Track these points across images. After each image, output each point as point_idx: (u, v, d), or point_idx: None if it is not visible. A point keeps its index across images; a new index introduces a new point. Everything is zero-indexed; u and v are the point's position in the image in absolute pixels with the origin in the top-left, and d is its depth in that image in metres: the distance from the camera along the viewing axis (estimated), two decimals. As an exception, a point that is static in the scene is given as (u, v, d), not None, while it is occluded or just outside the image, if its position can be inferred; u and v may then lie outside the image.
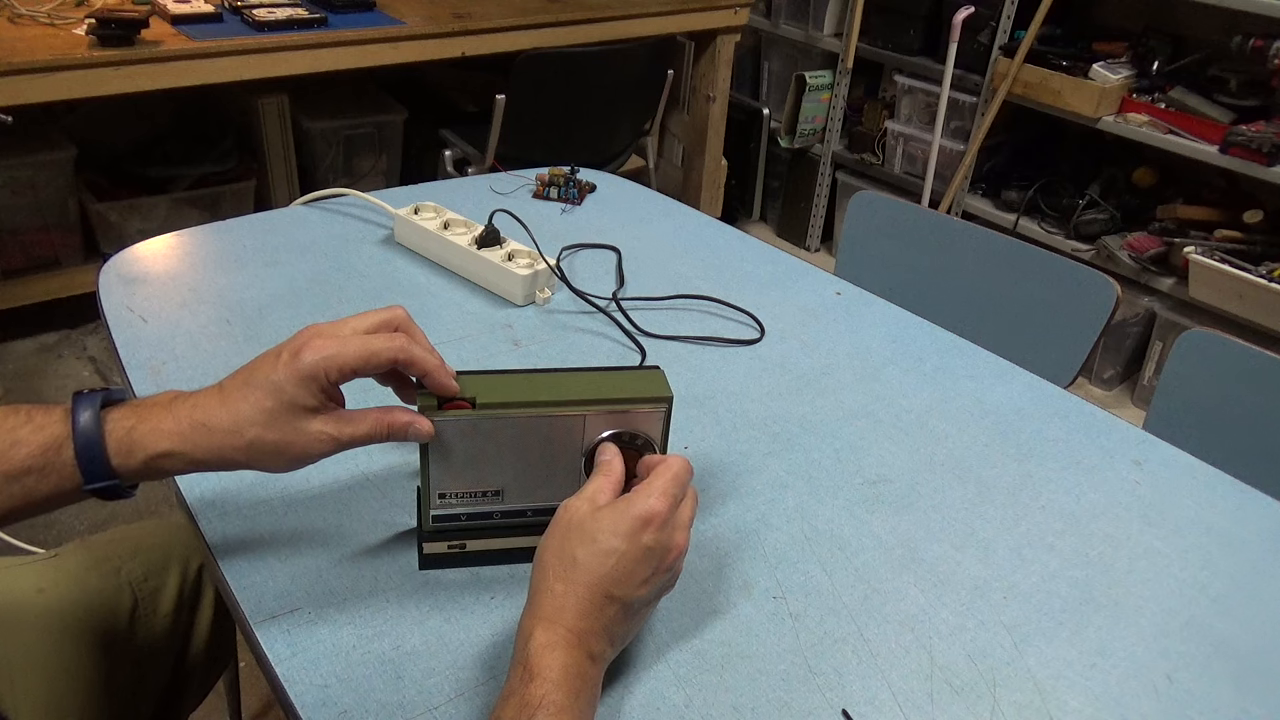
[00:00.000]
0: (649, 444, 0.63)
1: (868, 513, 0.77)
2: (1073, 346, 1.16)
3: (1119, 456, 0.87)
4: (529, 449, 0.62)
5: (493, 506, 0.64)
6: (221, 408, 0.56)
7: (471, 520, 0.65)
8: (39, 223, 2.15)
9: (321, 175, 2.45)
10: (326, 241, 1.11)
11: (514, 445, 0.62)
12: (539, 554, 0.57)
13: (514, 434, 0.61)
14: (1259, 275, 2.04)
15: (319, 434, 0.56)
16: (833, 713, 0.60)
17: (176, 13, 1.94)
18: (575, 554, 0.55)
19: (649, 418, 0.62)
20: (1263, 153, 2.03)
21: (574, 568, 0.55)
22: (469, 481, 0.63)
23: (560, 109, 2.24)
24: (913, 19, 2.64)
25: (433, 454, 0.61)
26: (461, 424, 0.60)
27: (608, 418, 0.62)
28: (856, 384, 0.94)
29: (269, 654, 0.60)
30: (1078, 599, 0.70)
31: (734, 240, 1.23)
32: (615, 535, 0.55)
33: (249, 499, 0.71)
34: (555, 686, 0.50)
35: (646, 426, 0.62)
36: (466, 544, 0.66)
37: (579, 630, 0.53)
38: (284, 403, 0.55)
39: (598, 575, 0.54)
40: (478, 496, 0.64)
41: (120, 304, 0.95)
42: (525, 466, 0.63)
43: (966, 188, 2.66)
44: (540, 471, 0.63)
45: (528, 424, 0.61)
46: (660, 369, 0.64)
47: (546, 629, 0.53)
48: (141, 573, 0.85)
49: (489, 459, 0.62)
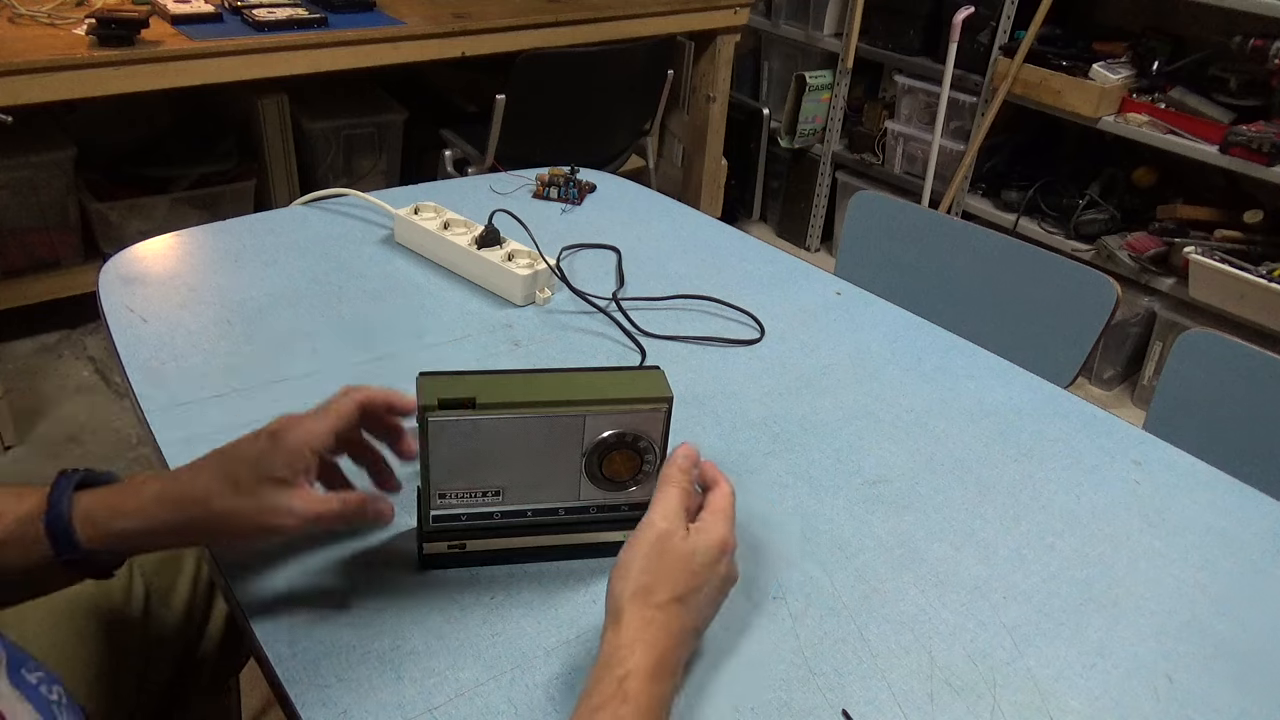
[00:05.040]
0: (650, 446, 0.63)
1: (868, 513, 0.77)
2: (1073, 346, 1.16)
3: (1119, 456, 0.87)
4: (529, 449, 0.62)
5: (493, 507, 0.64)
6: (194, 480, 0.57)
7: (472, 520, 0.65)
8: (39, 223, 2.15)
9: (321, 175, 2.45)
10: (326, 241, 1.11)
11: (514, 445, 0.62)
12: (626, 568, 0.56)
13: (514, 434, 0.61)
14: (1259, 275, 2.04)
15: (288, 508, 0.57)
16: (833, 713, 0.60)
17: (176, 13, 1.94)
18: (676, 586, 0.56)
19: (649, 418, 0.62)
20: (1263, 153, 2.03)
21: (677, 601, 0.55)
22: (469, 481, 0.63)
23: (560, 109, 2.24)
24: (913, 19, 2.64)
25: (433, 454, 0.61)
26: (462, 424, 0.60)
27: (608, 418, 0.62)
28: (856, 384, 0.94)
29: (269, 654, 0.60)
30: (1078, 599, 0.70)
31: (734, 240, 1.23)
32: (708, 568, 0.57)
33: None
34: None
35: (647, 427, 0.62)
36: (466, 544, 0.66)
37: (672, 665, 0.54)
38: (259, 474, 0.57)
39: (695, 609, 0.56)
40: (478, 496, 0.64)
41: (120, 304, 0.95)
42: (525, 466, 0.63)
43: (966, 188, 2.66)
44: (540, 472, 0.63)
45: (528, 424, 0.61)
46: (660, 369, 0.64)
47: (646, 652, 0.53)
48: (155, 565, 0.85)
49: (489, 459, 0.62)
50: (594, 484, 0.64)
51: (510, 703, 0.58)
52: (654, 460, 0.64)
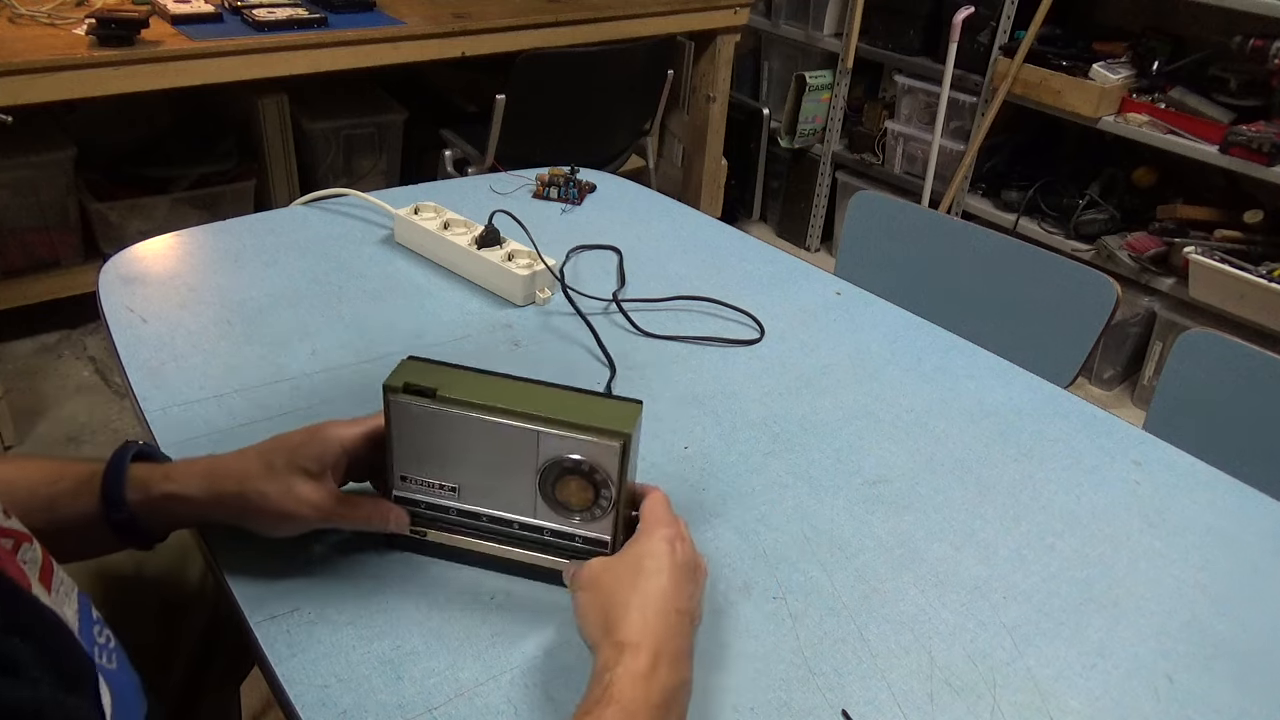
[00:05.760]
0: (606, 480, 0.60)
1: (868, 513, 0.77)
2: (1073, 346, 1.16)
3: (1119, 456, 0.87)
4: (485, 452, 0.62)
5: (450, 502, 0.65)
6: (237, 460, 0.63)
7: (430, 510, 0.65)
8: (39, 223, 2.15)
9: (321, 175, 2.45)
10: (326, 241, 1.11)
11: (471, 445, 0.62)
12: (585, 618, 0.58)
13: (470, 434, 0.62)
14: (1259, 275, 2.04)
15: (308, 499, 0.61)
16: (833, 713, 0.60)
17: (176, 13, 1.94)
18: (632, 590, 0.56)
19: (603, 451, 0.59)
20: (1263, 153, 2.03)
21: (644, 599, 0.56)
22: (429, 471, 0.64)
23: (560, 109, 2.24)
24: (913, 19, 2.64)
25: (394, 434, 0.63)
26: (422, 412, 0.61)
27: (563, 440, 0.60)
28: (856, 384, 0.94)
29: (269, 654, 0.60)
30: (1078, 599, 0.70)
31: (734, 240, 1.23)
32: (655, 558, 0.58)
33: (249, 499, 0.71)
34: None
35: (602, 460, 0.60)
36: (427, 533, 0.66)
37: (671, 652, 0.54)
38: (291, 463, 0.61)
39: (664, 593, 0.57)
40: (435, 489, 0.64)
41: (120, 304, 0.95)
42: (481, 470, 0.63)
43: (966, 188, 2.66)
44: (494, 478, 0.63)
45: (484, 427, 0.61)
46: (640, 404, 0.61)
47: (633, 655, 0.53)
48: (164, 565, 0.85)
49: (448, 453, 0.63)
50: (548, 505, 0.63)
51: (510, 703, 0.58)
52: (609, 496, 0.61)
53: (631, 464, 0.62)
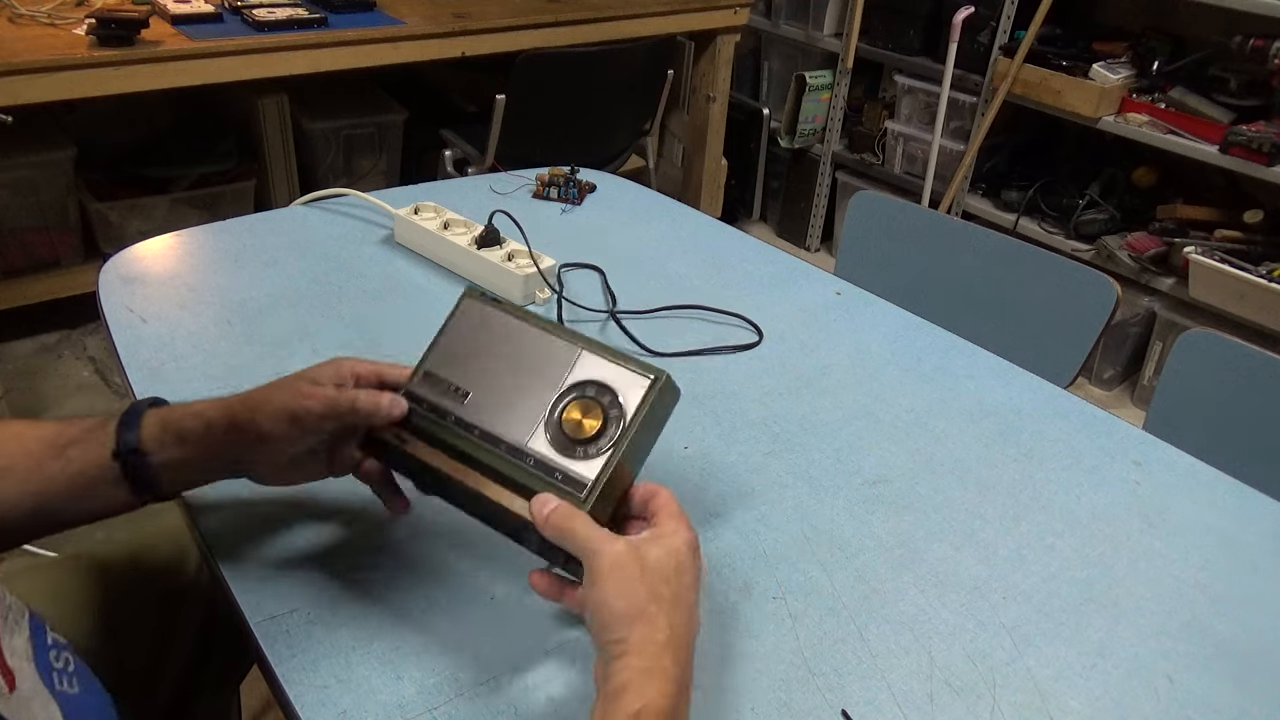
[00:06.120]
0: (619, 414, 0.61)
1: (868, 513, 0.77)
2: (1073, 346, 1.16)
3: (1119, 456, 0.87)
4: (519, 361, 0.64)
5: (453, 407, 0.64)
6: (251, 389, 0.64)
7: (429, 412, 0.65)
8: (39, 223, 2.15)
9: (321, 175, 2.45)
10: (326, 241, 1.11)
11: (511, 354, 0.65)
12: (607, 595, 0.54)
13: (516, 340, 0.65)
14: (1259, 275, 2.04)
15: (315, 393, 0.62)
16: (832, 713, 0.60)
17: (176, 13, 1.94)
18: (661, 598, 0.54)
19: (633, 384, 0.61)
20: (1263, 153, 2.03)
21: (673, 612, 0.54)
22: (453, 373, 0.65)
23: (560, 109, 2.24)
24: (913, 19, 2.64)
25: (447, 332, 0.67)
26: (486, 313, 0.66)
27: (598, 366, 0.63)
28: (856, 384, 0.94)
29: (269, 654, 0.60)
30: (1078, 599, 0.70)
31: (734, 240, 1.23)
32: (685, 571, 0.56)
33: (249, 499, 0.71)
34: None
35: (628, 393, 0.61)
36: (407, 441, 0.65)
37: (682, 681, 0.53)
38: (300, 375, 0.64)
39: (686, 615, 0.55)
40: (449, 391, 0.65)
41: (120, 304, 0.95)
42: (506, 378, 0.64)
43: (966, 188, 2.66)
44: (512, 389, 0.64)
45: (532, 336, 0.65)
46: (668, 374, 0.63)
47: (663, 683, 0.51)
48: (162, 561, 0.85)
49: (483, 358, 0.65)
50: (546, 433, 0.62)
51: (510, 703, 0.58)
52: (612, 434, 0.61)
53: (647, 433, 0.62)
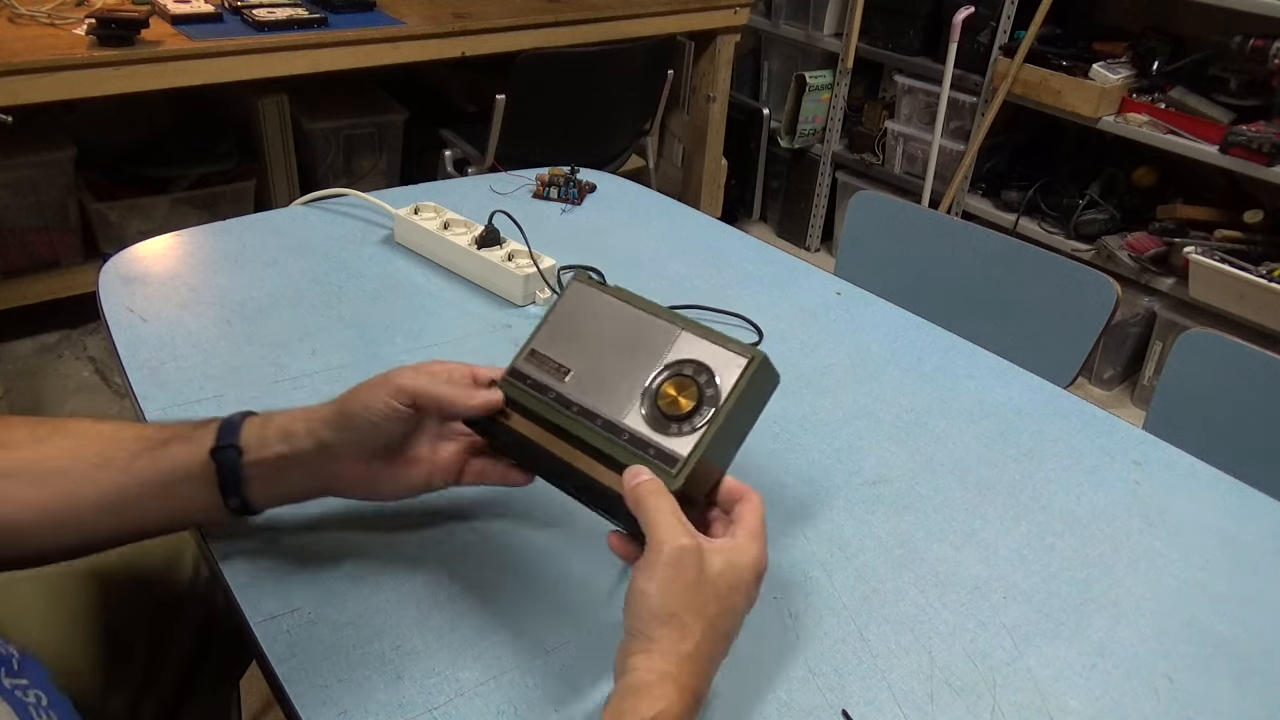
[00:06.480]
0: (715, 394, 0.62)
1: (868, 513, 0.77)
2: (1073, 346, 1.16)
3: (1119, 456, 0.87)
4: (621, 340, 0.66)
5: (554, 384, 0.66)
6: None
7: (532, 388, 0.66)
8: (39, 223, 2.15)
9: (321, 175, 2.45)
10: (326, 241, 1.11)
11: (608, 328, 0.66)
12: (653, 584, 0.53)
13: (616, 320, 0.67)
14: (1259, 275, 2.04)
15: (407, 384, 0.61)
16: (833, 713, 0.60)
17: (176, 13, 1.94)
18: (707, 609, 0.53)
19: (729, 363, 0.63)
20: (1263, 153, 2.03)
21: (710, 627, 0.53)
22: (558, 351, 0.67)
23: (560, 109, 2.24)
24: (913, 19, 2.64)
25: (556, 311, 0.68)
26: (591, 296, 0.68)
27: (697, 346, 0.64)
28: (856, 384, 0.94)
29: (269, 654, 0.60)
30: (1078, 599, 0.70)
31: (734, 240, 1.23)
32: (738, 591, 0.55)
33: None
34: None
35: (725, 372, 0.63)
36: (511, 416, 0.66)
37: (701, 697, 0.52)
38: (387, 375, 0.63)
39: (725, 636, 0.55)
40: (553, 368, 0.67)
41: (120, 304, 0.95)
42: (608, 357, 0.66)
43: (966, 188, 2.66)
44: (612, 367, 0.65)
45: (635, 318, 0.66)
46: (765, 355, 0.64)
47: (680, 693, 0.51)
48: (158, 564, 0.85)
49: (585, 337, 0.67)
50: (642, 409, 0.64)
51: (510, 703, 0.58)
52: (706, 412, 0.62)
53: (742, 415, 0.63)
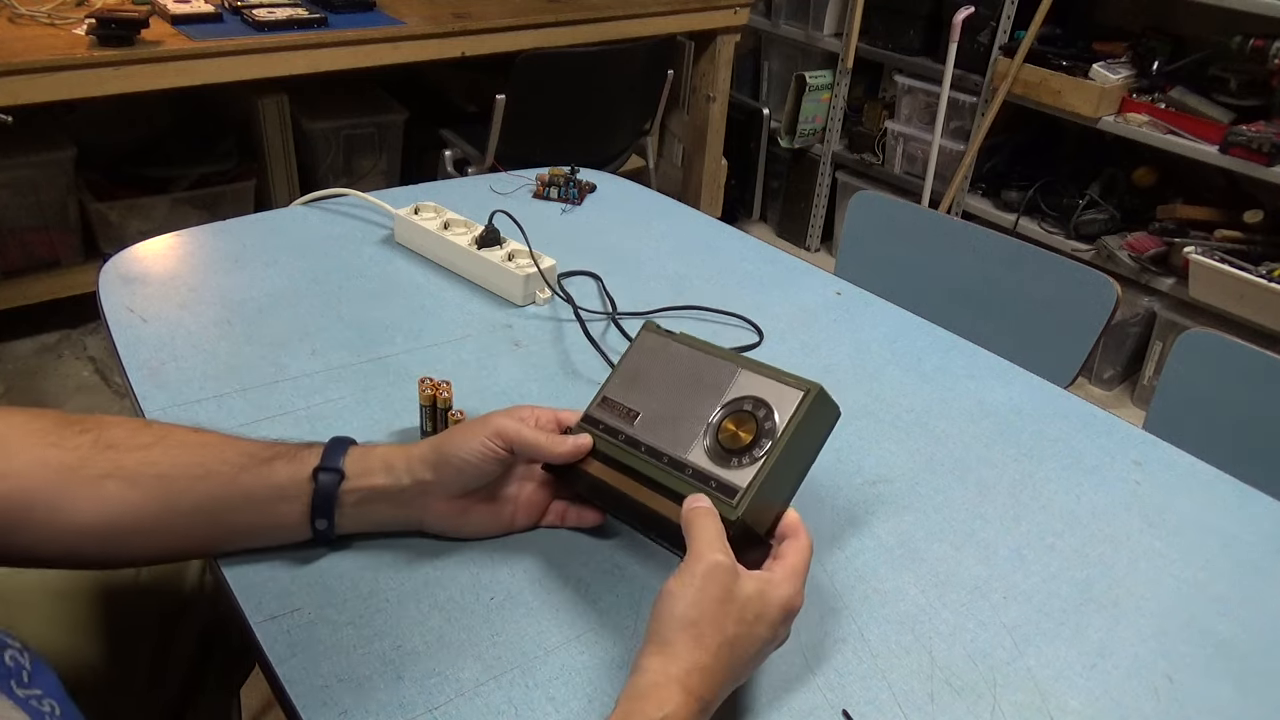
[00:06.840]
0: (772, 427, 0.64)
1: (868, 513, 0.77)
2: (1073, 346, 1.16)
3: (1119, 456, 0.87)
4: (684, 382, 0.69)
5: (624, 427, 0.69)
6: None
7: (604, 431, 0.69)
8: (39, 223, 2.15)
9: (321, 175, 2.45)
10: (326, 241, 1.11)
11: (677, 374, 0.70)
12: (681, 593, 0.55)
13: (685, 364, 0.70)
14: (1259, 275, 2.04)
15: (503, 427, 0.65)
16: (833, 713, 0.60)
17: (176, 13, 1.94)
18: (725, 630, 0.54)
19: (786, 396, 0.65)
20: (1263, 153, 2.03)
21: (727, 646, 0.54)
22: (628, 397, 0.70)
23: (560, 109, 2.24)
24: (913, 19, 2.64)
25: (628, 359, 0.72)
26: (660, 344, 0.72)
27: (756, 382, 0.66)
28: (856, 384, 0.94)
29: (269, 654, 0.60)
30: (1078, 599, 0.70)
31: (734, 240, 1.23)
32: (764, 623, 0.56)
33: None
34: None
35: (781, 405, 0.64)
36: (583, 461, 0.69)
37: (706, 704, 0.53)
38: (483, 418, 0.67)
39: (742, 661, 0.55)
40: (623, 413, 0.70)
41: (120, 304, 0.95)
42: (673, 398, 0.69)
43: (966, 188, 2.66)
44: (676, 408, 0.68)
45: (697, 359, 0.70)
46: (823, 388, 0.66)
47: (689, 699, 0.52)
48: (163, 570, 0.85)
49: (652, 382, 0.70)
50: (704, 442, 0.66)
51: (510, 703, 0.58)
52: (765, 444, 0.63)
53: (801, 447, 0.64)
